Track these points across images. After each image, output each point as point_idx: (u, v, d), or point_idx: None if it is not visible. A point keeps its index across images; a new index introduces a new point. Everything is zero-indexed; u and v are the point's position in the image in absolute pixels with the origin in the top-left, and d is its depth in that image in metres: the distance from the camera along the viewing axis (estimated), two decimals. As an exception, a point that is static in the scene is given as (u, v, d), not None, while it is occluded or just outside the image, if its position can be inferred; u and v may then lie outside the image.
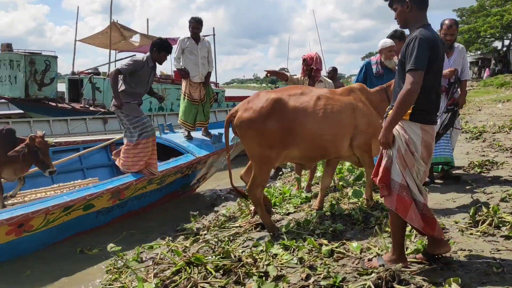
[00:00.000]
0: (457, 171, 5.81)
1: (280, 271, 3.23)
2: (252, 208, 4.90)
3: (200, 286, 3.11)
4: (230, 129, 4.34)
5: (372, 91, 4.49)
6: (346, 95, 4.33)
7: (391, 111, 2.85)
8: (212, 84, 17.67)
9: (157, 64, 5.74)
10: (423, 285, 2.72)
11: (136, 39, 15.65)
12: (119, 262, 4.23)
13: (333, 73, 8.23)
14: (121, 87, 5.52)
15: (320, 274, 3.09)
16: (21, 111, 13.49)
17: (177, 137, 7.07)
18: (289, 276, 3.14)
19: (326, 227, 3.95)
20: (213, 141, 6.91)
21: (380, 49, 5.35)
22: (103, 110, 12.93)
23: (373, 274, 2.94)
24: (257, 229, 4.41)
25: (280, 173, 8.21)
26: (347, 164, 6.43)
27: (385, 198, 3.04)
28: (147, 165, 5.66)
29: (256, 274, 3.22)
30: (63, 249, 4.87)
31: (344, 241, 3.69)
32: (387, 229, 3.76)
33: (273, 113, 3.95)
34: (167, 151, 6.60)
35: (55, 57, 12.60)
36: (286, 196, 5.37)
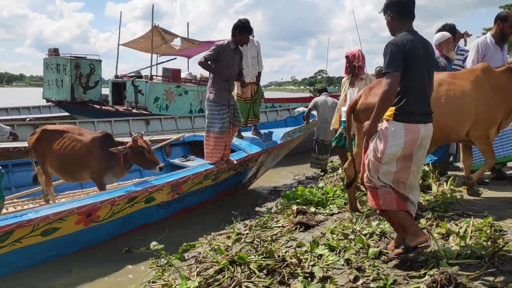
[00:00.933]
0: None
1: (326, 272, 3.11)
2: (295, 208, 4.79)
3: (244, 286, 3.04)
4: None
5: (497, 72, 4.32)
6: (468, 79, 4.23)
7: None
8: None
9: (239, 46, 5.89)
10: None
11: (177, 42, 15.84)
12: (162, 260, 4.25)
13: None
14: (210, 74, 5.85)
15: (369, 276, 2.96)
16: (62, 114, 13.93)
17: None
18: (335, 277, 3.03)
19: (374, 228, 3.79)
20: (263, 139, 6.95)
21: (439, 43, 5.23)
22: (145, 112, 13.23)
23: (426, 277, 2.78)
24: (300, 229, 4.30)
25: (322, 173, 8.06)
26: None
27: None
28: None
29: (301, 274, 3.12)
30: (110, 248, 4.90)
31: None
32: (439, 230, 3.58)
33: None
34: None
35: (99, 61, 12.95)
36: (330, 197, 5.23)
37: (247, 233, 4.52)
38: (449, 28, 5.45)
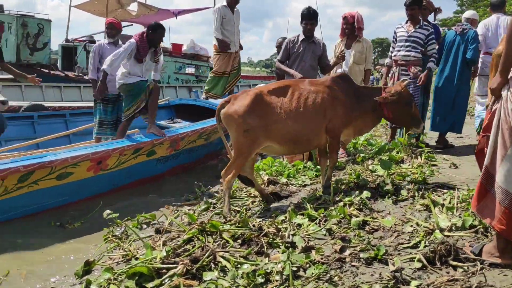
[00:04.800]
0: None
1: (307, 242, 2.84)
2: (266, 178, 4.50)
3: (219, 256, 2.71)
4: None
5: None
6: None
7: None
8: (211, 59, 17.25)
9: None
10: (485, 266, 2.34)
11: (133, 8, 15.00)
12: (118, 229, 3.86)
13: None
14: None
15: (356, 246, 2.71)
16: (5, 76, 12.86)
17: (216, 100, 7.32)
18: (318, 247, 2.76)
19: (353, 198, 3.55)
20: None
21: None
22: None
23: (422, 247, 2.58)
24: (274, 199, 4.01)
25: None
26: (362, 138, 6.06)
27: None
28: None
29: (281, 244, 2.84)
30: (40, 223, 4.40)
31: (376, 213, 3.31)
32: (422, 202, 3.39)
33: None
34: (206, 113, 6.77)
35: (49, 21, 12.01)
36: (300, 169, 4.97)
37: (214, 203, 4.19)
38: None
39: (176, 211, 4.43)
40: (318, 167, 4.92)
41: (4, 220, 4.24)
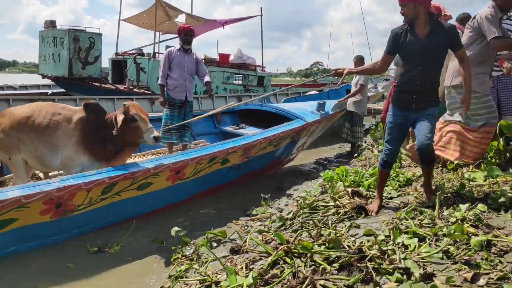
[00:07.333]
0: None
1: (424, 269, 2.34)
2: (350, 190, 4.00)
3: (320, 285, 2.25)
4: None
5: None
6: None
7: None
8: (258, 68, 16.94)
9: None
10: None
11: (181, 19, 14.94)
12: (188, 249, 3.49)
13: None
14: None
15: (488, 273, 2.19)
16: (60, 90, 12.97)
17: (281, 105, 7.37)
18: (439, 275, 2.26)
19: (463, 213, 3.01)
20: (317, 109, 6.90)
21: None
22: (147, 91, 12.36)
23: None
24: (361, 214, 3.51)
25: (356, 154, 7.25)
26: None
27: None
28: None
29: (390, 270, 2.35)
30: (75, 247, 3.94)
31: (497, 230, 2.76)
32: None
33: None
34: (271, 118, 6.86)
35: (100, 35, 12.03)
36: (379, 178, 4.44)
37: (292, 218, 3.73)
38: None
39: (245, 227, 4.04)
40: (401, 177, 4.41)
41: (87, 232, 4.18)
